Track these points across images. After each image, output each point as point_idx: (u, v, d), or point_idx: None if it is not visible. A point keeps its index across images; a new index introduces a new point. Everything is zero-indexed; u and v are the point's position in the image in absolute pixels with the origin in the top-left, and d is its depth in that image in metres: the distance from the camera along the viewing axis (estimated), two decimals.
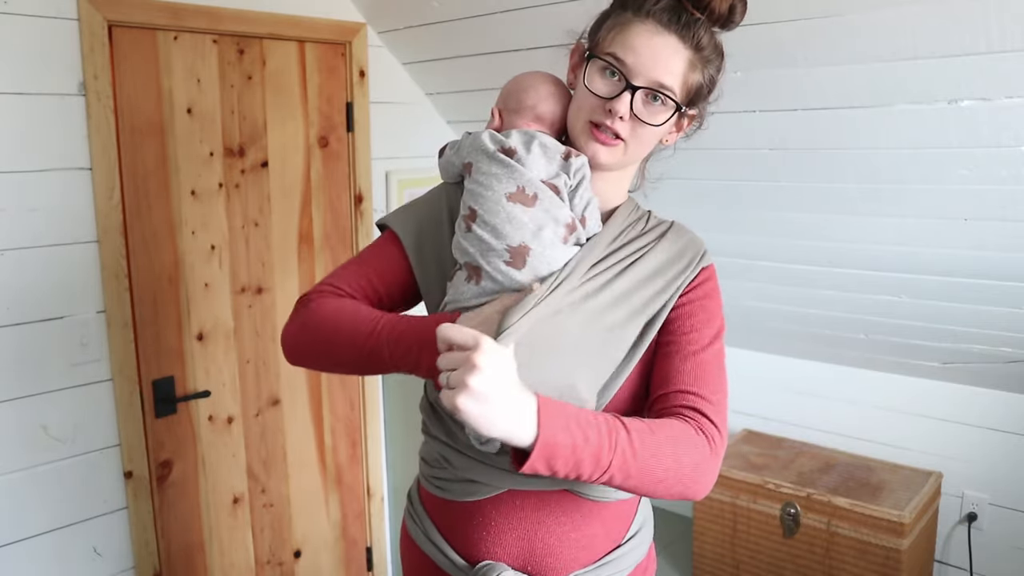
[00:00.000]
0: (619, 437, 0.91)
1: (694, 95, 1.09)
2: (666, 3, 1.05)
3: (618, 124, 1.06)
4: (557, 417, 0.88)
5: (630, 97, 1.05)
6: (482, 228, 1.05)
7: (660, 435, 0.94)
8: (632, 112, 1.05)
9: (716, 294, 1.12)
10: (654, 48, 1.04)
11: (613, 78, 1.06)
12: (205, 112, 2.18)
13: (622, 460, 0.90)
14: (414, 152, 2.71)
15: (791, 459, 2.64)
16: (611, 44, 1.07)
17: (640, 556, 1.16)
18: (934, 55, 1.56)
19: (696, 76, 1.08)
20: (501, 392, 0.84)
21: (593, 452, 0.89)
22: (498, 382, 0.84)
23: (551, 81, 1.20)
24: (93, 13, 1.91)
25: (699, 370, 1.04)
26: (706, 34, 1.06)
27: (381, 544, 2.80)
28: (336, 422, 2.61)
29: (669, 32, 1.04)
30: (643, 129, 1.08)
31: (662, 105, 1.06)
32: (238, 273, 2.31)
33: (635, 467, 0.92)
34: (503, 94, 1.22)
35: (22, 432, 1.93)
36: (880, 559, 2.27)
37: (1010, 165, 1.71)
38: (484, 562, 1.08)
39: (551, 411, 0.88)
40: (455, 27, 2.25)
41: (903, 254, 2.10)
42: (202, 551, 2.34)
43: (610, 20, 1.10)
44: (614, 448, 0.90)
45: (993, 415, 2.44)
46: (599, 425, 0.90)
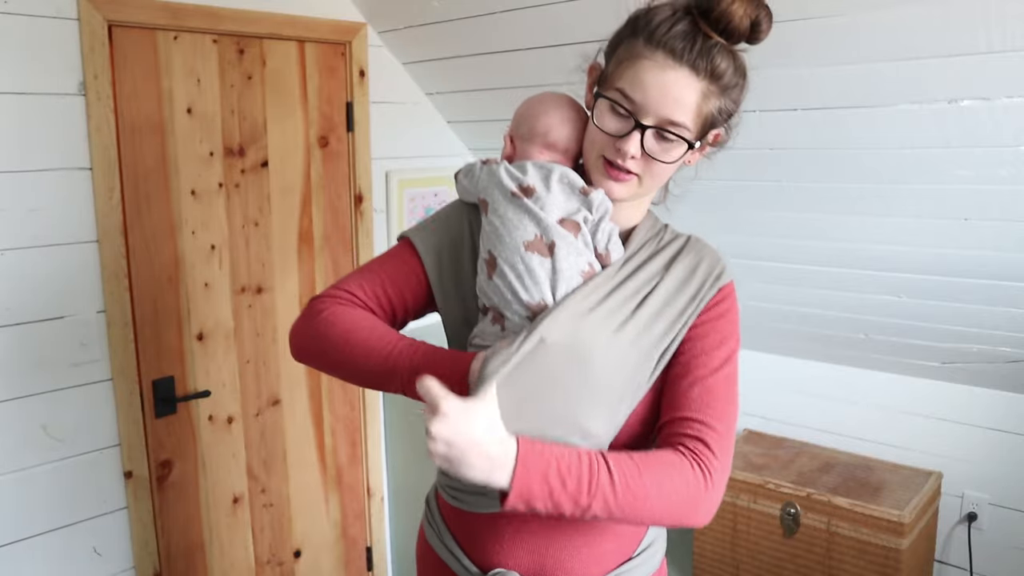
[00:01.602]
0: (599, 480, 0.92)
1: (711, 123, 1.04)
2: (679, 30, 0.98)
3: (629, 162, 1.03)
4: (535, 466, 0.90)
5: (640, 137, 1.01)
6: (501, 280, 1.04)
7: (647, 474, 0.94)
8: (644, 150, 1.02)
9: (732, 313, 1.09)
10: (664, 85, 0.98)
11: (623, 115, 1.02)
12: (205, 112, 2.18)
13: (603, 503, 0.92)
14: (414, 152, 2.71)
15: (791, 459, 2.64)
16: (620, 78, 1.02)
17: (651, 569, 1.17)
18: (934, 55, 1.56)
19: (712, 105, 1.02)
20: (468, 444, 0.86)
21: (571, 497, 0.91)
22: (463, 435, 0.86)
23: (565, 105, 1.14)
24: (93, 13, 1.91)
25: (706, 396, 1.02)
26: (724, 59, 0.99)
27: (381, 544, 2.80)
28: (336, 422, 2.61)
29: (681, 64, 0.98)
30: (657, 166, 1.04)
31: (674, 141, 1.02)
32: (238, 273, 2.31)
33: (617, 507, 0.93)
34: (515, 120, 1.17)
35: (22, 432, 1.93)
36: (880, 559, 2.27)
37: (1010, 165, 1.71)
38: (496, 571, 1.09)
39: (530, 460, 0.90)
40: (455, 27, 2.24)
41: (903, 254, 2.09)
42: (202, 551, 2.34)
43: (621, 48, 1.04)
44: (593, 493, 0.91)
45: (993, 415, 2.44)
46: (580, 469, 0.92)
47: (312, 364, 1.13)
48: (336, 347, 1.07)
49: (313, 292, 2.49)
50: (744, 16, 0.96)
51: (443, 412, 0.86)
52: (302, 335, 1.11)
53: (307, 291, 2.47)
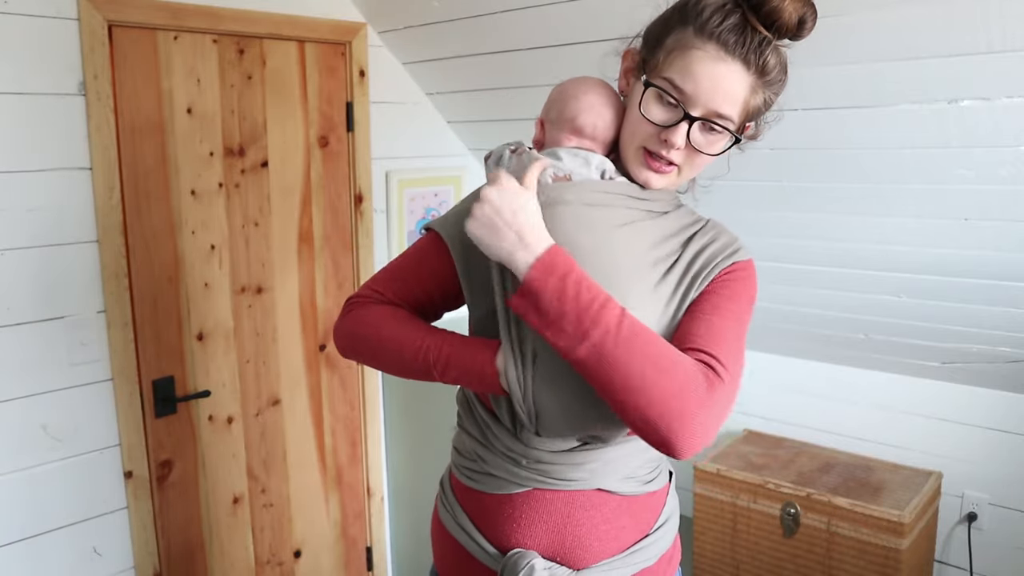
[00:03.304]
0: (609, 313, 0.92)
1: (751, 117, 1.05)
2: (731, 23, 0.98)
3: (673, 153, 1.03)
4: (560, 263, 0.95)
5: (687, 128, 1.01)
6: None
7: (656, 342, 0.93)
8: (689, 141, 1.02)
9: (745, 281, 1.09)
10: (716, 76, 0.98)
11: (670, 105, 1.01)
12: (205, 112, 2.18)
13: (601, 336, 0.91)
14: (414, 152, 2.71)
15: (791, 459, 2.64)
16: (669, 68, 1.01)
17: (666, 545, 1.18)
18: (934, 55, 1.56)
19: (758, 99, 1.03)
20: (510, 215, 0.95)
21: (576, 311, 0.92)
22: (508, 205, 0.96)
23: (600, 91, 1.12)
24: (93, 13, 1.91)
25: (713, 332, 0.99)
26: (773, 55, 1.00)
27: (381, 544, 2.80)
28: (336, 422, 2.61)
29: (733, 58, 0.98)
30: (700, 158, 1.05)
31: (720, 133, 1.03)
32: (238, 273, 2.31)
33: (612, 350, 0.90)
34: (548, 104, 1.15)
35: (22, 432, 1.93)
36: (880, 559, 2.27)
37: (1010, 165, 1.71)
38: (514, 550, 1.10)
39: (558, 257, 0.95)
40: (455, 27, 2.24)
41: (903, 254, 2.09)
42: (202, 551, 2.34)
43: (671, 37, 1.02)
44: (596, 320, 0.92)
45: (993, 415, 2.44)
46: (598, 292, 0.94)
47: (356, 360, 1.19)
48: (371, 345, 1.12)
49: (313, 292, 2.49)
50: (793, 13, 0.97)
51: (501, 182, 0.98)
52: (340, 334, 1.16)
53: (307, 291, 2.47)
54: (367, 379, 2.66)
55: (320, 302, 2.51)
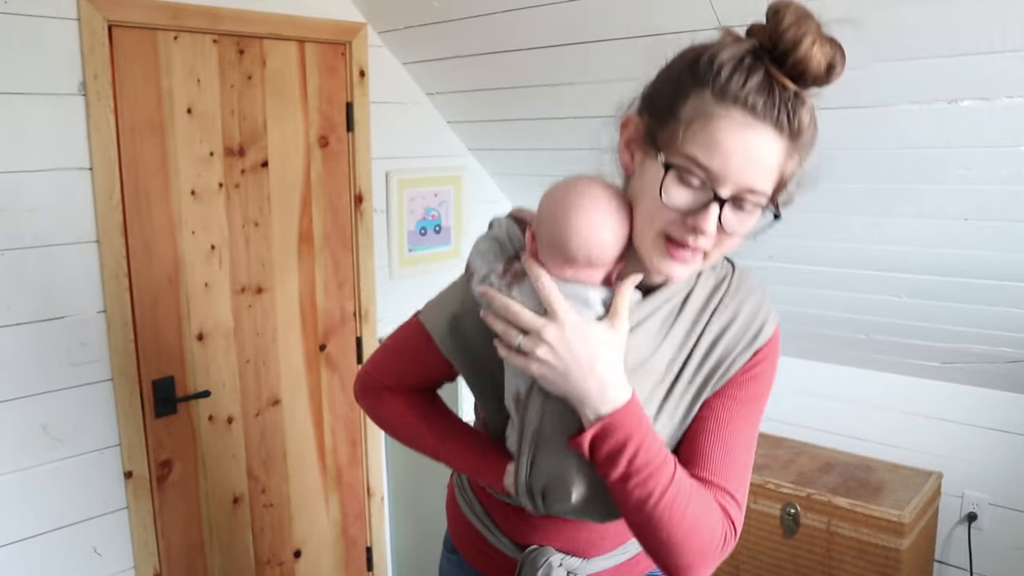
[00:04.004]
0: (659, 480, 0.89)
1: (787, 182, 0.91)
2: (756, 82, 0.84)
3: (701, 240, 0.88)
4: (634, 420, 0.90)
5: (716, 211, 0.86)
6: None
7: (694, 503, 0.91)
8: (720, 224, 0.87)
9: (766, 374, 1.02)
10: (746, 147, 0.84)
11: (694, 185, 0.86)
12: (205, 112, 2.18)
13: (645, 497, 0.89)
14: (414, 152, 2.71)
15: (791, 459, 2.64)
16: (690, 142, 0.85)
17: None
18: (934, 55, 1.56)
19: (793, 163, 0.89)
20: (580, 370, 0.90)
21: (627, 472, 0.89)
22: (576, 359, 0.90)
23: (596, 207, 0.92)
24: (93, 13, 1.91)
25: (729, 458, 0.97)
26: (805, 111, 0.87)
27: (381, 544, 2.80)
28: (336, 422, 2.61)
29: (764, 122, 0.84)
30: (732, 240, 0.91)
31: (754, 207, 0.89)
32: (238, 273, 2.31)
33: (651, 512, 0.90)
34: (540, 219, 0.95)
35: (22, 432, 1.93)
36: (880, 559, 2.27)
37: (1010, 165, 1.71)
38: (532, 547, 1.12)
39: (636, 411, 0.91)
40: (455, 27, 2.24)
41: (903, 254, 2.09)
42: (202, 551, 2.34)
43: (686, 105, 0.87)
44: (646, 484, 0.89)
45: (993, 415, 2.44)
46: (655, 457, 0.90)
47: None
48: (390, 435, 1.22)
49: (313, 292, 2.49)
50: (822, 59, 0.84)
51: (563, 321, 0.90)
52: (359, 403, 1.24)
53: (307, 291, 2.47)
54: None
55: (320, 302, 2.51)
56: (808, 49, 0.83)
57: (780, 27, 0.83)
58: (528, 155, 2.70)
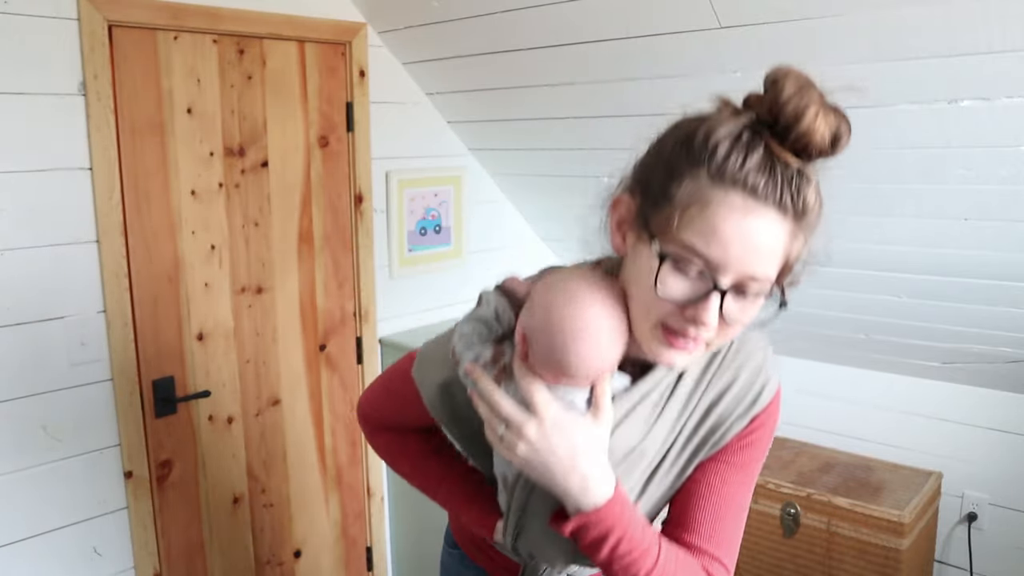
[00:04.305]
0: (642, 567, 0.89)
1: (792, 264, 0.85)
2: (756, 160, 0.77)
3: (703, 332, 0.83)
4: (619, 515, 0.88)
5: (718, 301, 0.80)
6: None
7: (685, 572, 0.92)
8: (721, 314, 0.81)
9: (763, 441, 0.99)
10: (748, 234, 0.78)
11: (691, 275, 0.80)
12: (205, 112, 2.18)
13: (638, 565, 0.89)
14: (414, 152, 2.71)
15: (791, 459, 2.64)
16: (687, 229, 0.79)
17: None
18: (934, 55, 1.56)
19: (798, 245, 0.82)
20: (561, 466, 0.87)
21: (611, 559, 0.89)
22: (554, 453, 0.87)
23: (610, 336, 0.86)
24: (93, 13, 1.91)
25: (719, 525, 0.96)
26: (809, 188, 0.80)
27: (381, 544, 2.80)
28: (336, 422, 2.61)
29: (765, 204, 0.78)
30: (734, 328, 0.86)
31: (758, 294, 0.83)
32: (238, 273, 2.31)
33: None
34: (535, 331, 0.88)
35: (22, 432, 1.93)
36: (880, 559, 2.27)
37: (1010, 165, 1.71)
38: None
39: (619, 507, 0.88)
40: (455, 27, 2.25)
41: (903, 254, 2.09)
42: (202, 551, 2.34)
43: (681, 188, 0.80)
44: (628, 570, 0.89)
45: (993, 415, 2.44)
46: (638, 546, 0.89)
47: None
48: (391, 467, 1.22)
49: (313, 292, 2.49)
50: (826, 130, 0.78)
51: (545, 418, 0.86)
52: (362, 430, 1.25)
53: (307, 291, 2.47)
54: (367, 379, 2.66)
55: (320, 302, 2.51)
56: (812, 121, 0.77)
57: (780, 98, 0.77)
58: (528, 155, 2.70)
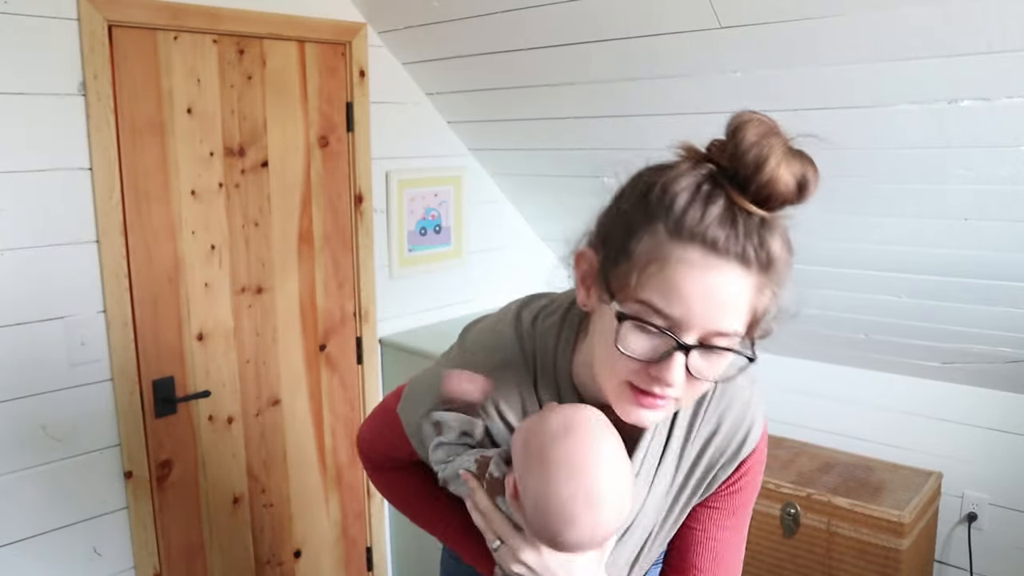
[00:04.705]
0: None
1: (761, 317, 0.81)
2: (716, 213, 0.74)
3: (668, 390, 0.80)
4: None
5: (683, 360, 0.77)
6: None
7: None
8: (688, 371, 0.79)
9: (752, 484, 1.01)
10: (709, 290, 0.74)
11: (653, 332, 0.77)
12: (205, 112, 2.18)
13: None
14: (414, 152, 2.71)
15: (791, 459, 2.64)
16: (646, 287, 0.76)
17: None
18: (934, 55, 1.56)
19: (765, 298, 0.79)
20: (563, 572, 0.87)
21: None
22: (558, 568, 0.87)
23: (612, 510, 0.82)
24: (93, 13, 1.91)
25: (717, 571, 1.00)
26: (774, 238, 0.76)
27: (381, 544, 2.80)
28: (336, 422, 2.61)
29: (727, 258, 0.74)
30: (703, 384, 0.82)
31: (724, 349, 0.79)
32: (238, 273, 2.31)
33: None
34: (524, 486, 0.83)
35: (22, 432, 1.93)
36: (880, 559, 2.27)
37: (1010, 165, 1.71)
38: None
39: None
40: (455, 27, 2.24)
41: (903, 254, 2.09)
42: (202, 551, 2.34)
43: (639, 244, 0.77)
44: None
45: (993, 415, 2.44)
46: None
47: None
48: (394, 504, 1.19)
49: (313, 292, 2.49)
50: (791, 178, 0.73)
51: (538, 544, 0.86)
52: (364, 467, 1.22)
53: (307, 291, 2.47)
54: (367, 379, 2.66)
55: (320, 302, 2.51)
56: (774, 170, 0.72)
57: (741, 147, 0.73)
58: (528, 155, 2.70)
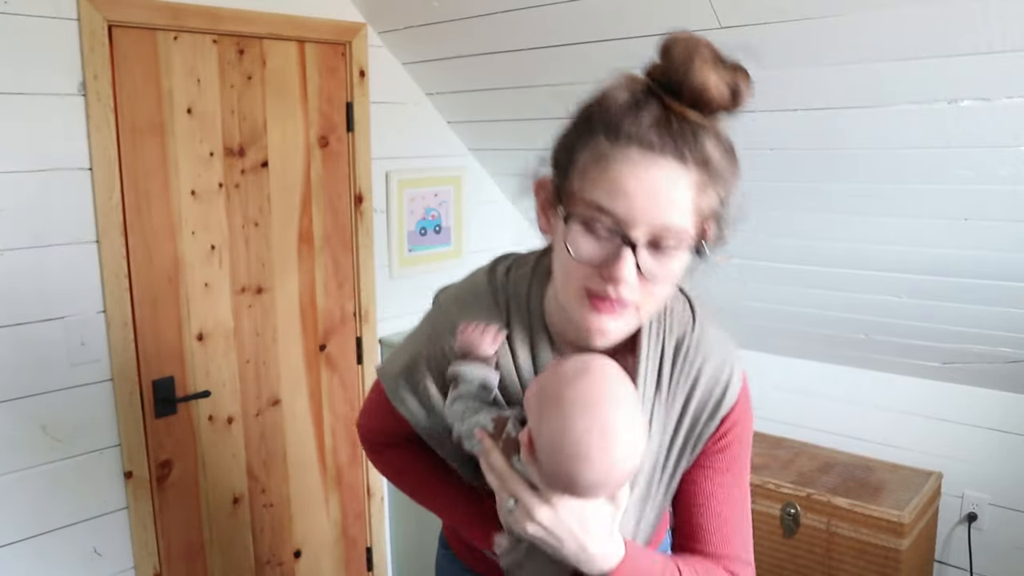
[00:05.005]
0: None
1: (713, 218, 0.85)
2: (651, 117, 0.79)
3: (624, 290, 0.82)
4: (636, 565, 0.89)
5: (632, 257, 0.80)
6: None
7: None
8: (640, 271, 0.81)
9: (741, 438, 1.01)
10: (649, 184, 0.78)
11: (602, 235, 0.81)
12: (205, 112, 2.18)
13: None
14: (414, 152, 2.71)
15: (791, 459, 2.64)
16: (591, 189, 0.81)
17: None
18: (934, 55, 1.56)
19: (710, 199, 0.82)
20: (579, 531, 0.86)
21: None
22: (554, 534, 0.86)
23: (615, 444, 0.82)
24: (93, 13, 1.91)
25: (724, 528, 0.99)
26: (710, 140, 0.81)
27: (381, 544, 2.80)
28: (336, 422, 2.61)
29: (663, 155, 0.79)
30: (659, 287, 0.85)
31: (675, 248, 0.82)
32: (238, 273, 2.31)
33: None
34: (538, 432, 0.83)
35: (22, 432, 1.93)
36: (880, 559, 2.27)
37: (1010, 165, 1.71)
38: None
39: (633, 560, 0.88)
40: (455, 27, 2.24)
41: (903, 254, 2.09)
42: (202, 551, 2.34)
43: (583, 153, 0.83)
44: None
45: (993, 415, 2.44)
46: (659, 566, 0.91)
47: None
48: (394, 483, 1.22)
49: (313, 292, 2.49)
50: (720, 83, 0.78)
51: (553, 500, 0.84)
52: (366, 453, 1.24)
53: (307, 291, 2.47)
54: (367, 379, 2.66)
55: (320, 302, 2.51)
56: (705, 76, 0.78)
57: (671, 57, 0.79)
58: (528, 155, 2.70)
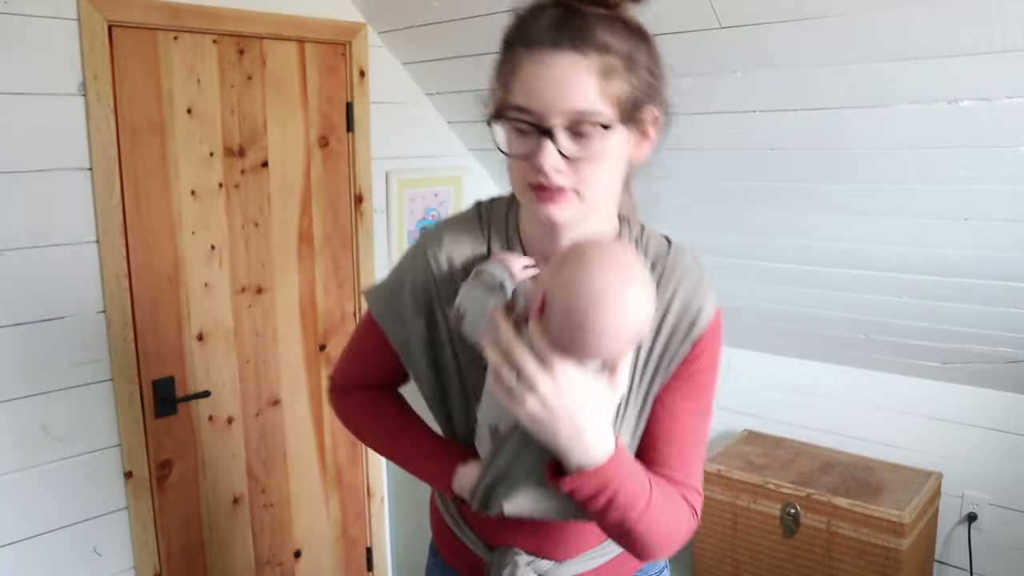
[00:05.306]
0: (637, 506, 0.92)
1: (634, 104, 0.91)
2: (551, 18, 0.88)
3: (556, 177, 0.90)
4: (612, 474, 0.90)
5: (551, 144, 0.88)
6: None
7: (669, 511, 0.97)
8: (564, 156, 0.89)
9: (709, 367, 1.03)
10: (552, 77, 0.87)
11: (526, 129, 0.90)
12: (205, 112, 2.18)
13: (622, 518, 0.93)
14: (414, 152, 2.71)
15: (791, 459, 2.64)
16: (511, 94, 0.91)
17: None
18: (934, 55, 1.56)
19: (620, 82, 0.89)
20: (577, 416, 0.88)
21: (606, 506, 0.91)
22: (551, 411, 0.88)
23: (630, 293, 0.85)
24: (93, 13, 1.91)
25: (686, 454, 1.02)
26: (607, 29, 0.88)
27: (381, 544, 2.80)
28: (336, 422, 2.61)
29: (561, 50, 0.87)
30: (589, 168, 0.91)
31: (593, 132, 0.89)
32: (238, 273, 2.31)
33: (629, 529, 0.94)
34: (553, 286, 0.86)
35: (22, 432, 1.93)
36: (880, 559, 2.27)
37: (1010, 165, 1.71)
38: (498, 548, 1.13)
39: (611, 469, 0.90)
40: (455, 27, 2.24)
41: (903, 254, 2.09)
42: (202, 551, 2.34)
43: (504, 67, 0.93)
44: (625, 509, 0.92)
45: (993, 415, 2.44)
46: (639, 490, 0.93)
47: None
48: (355, 435, 1.27)
49: (313, 292, 2.49)
50: None
51: (556, 372, 0.86)
52: (338, 417, 1.28)
53: (307, 291, 2.47)
54: None
55: (320, 302, 2.51)
56: None
57: None
58: None
